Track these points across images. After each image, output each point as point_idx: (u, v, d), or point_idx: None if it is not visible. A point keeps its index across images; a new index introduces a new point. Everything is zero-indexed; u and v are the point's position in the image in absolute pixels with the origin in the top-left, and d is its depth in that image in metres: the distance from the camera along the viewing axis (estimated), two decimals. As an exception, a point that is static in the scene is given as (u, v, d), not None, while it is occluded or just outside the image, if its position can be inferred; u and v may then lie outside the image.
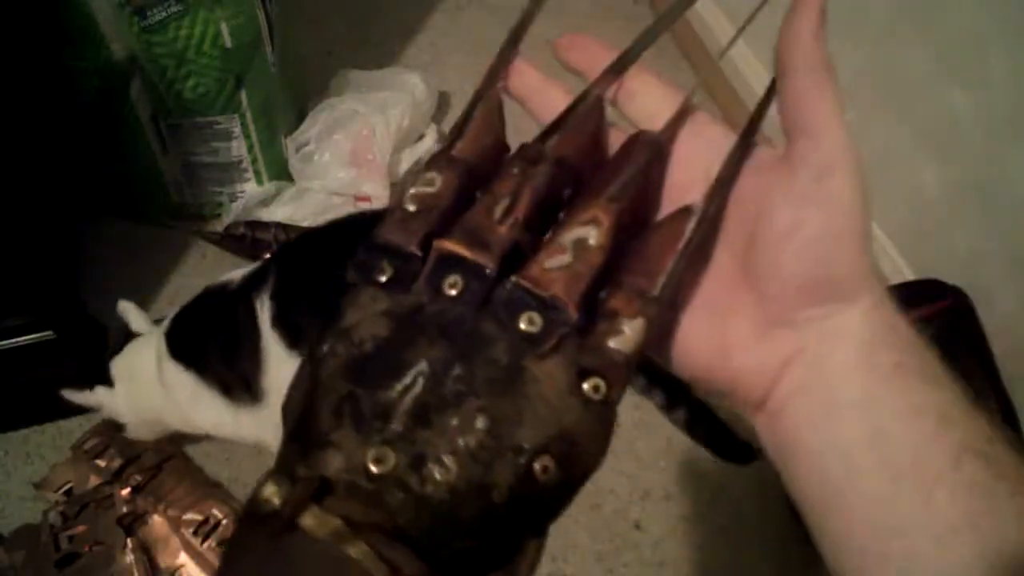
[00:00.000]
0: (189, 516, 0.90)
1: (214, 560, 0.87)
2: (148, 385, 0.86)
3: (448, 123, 1.34)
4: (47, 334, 0.92)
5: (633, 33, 0.29)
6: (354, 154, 1.17)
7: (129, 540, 0.86)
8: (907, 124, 1.03)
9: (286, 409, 0.24)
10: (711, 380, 0.28)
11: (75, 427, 0.99)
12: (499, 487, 0.22)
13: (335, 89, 1.26)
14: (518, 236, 0.25)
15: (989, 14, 0.90)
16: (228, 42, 1.02)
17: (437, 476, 0.22)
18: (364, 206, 1.18)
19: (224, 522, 0.90)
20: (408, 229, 0.25)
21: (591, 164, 0.28)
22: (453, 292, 0.24)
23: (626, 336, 0.24)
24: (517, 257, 0.25)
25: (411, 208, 0.26)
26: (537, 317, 0.23)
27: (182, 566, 0.87)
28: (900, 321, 0.26)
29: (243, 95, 1.09)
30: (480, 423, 0.22)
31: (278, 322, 0.78)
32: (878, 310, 0.26)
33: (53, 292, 0.99)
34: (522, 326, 0.23)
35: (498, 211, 0.25)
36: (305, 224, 1.15)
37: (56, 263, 1.05)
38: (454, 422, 0.22)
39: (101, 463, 0.93)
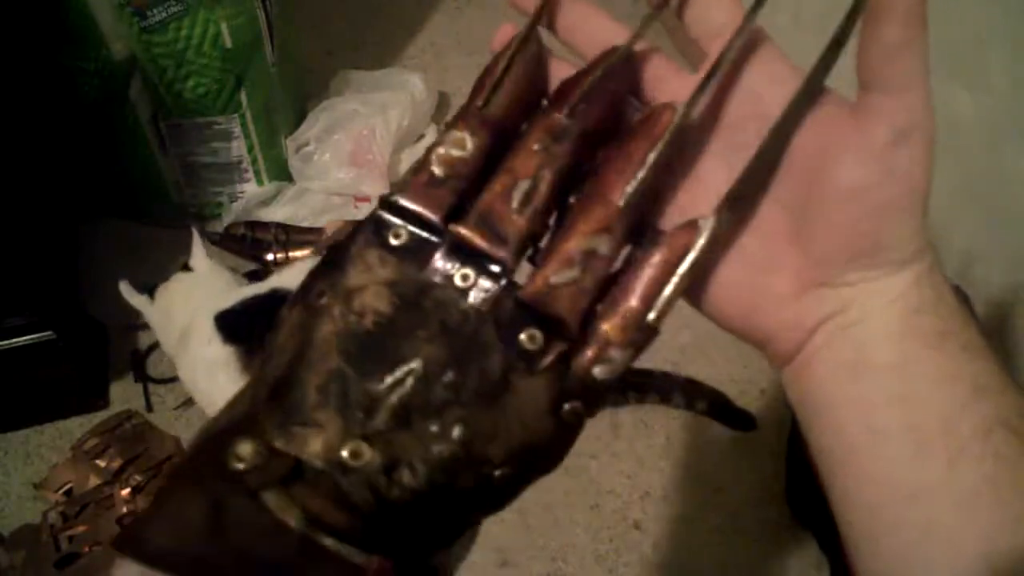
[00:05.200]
0: (189, 516, 0.90)
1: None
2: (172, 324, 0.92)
3: (448, 123, 1.34)
4: (47, 334, 0.92)
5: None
6: (354, 154, 1.17)
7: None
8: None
9: (271, 348, 0.24)
10: (744, 330, 0.27)
11: (75, 427, 0.99)
12: (459, 493, 0.22)
13: (335, 89, 1.26)
14: (536, 227, 0.24)
15: (989, 16, 0.90)
16: (228, 42, 1.02)
17: (405, 481, 0.22)
18: (364, 206, 1.18)
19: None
20: (432, 196, 0.24)
21: (613, 130, 0.26)
22: (464, 284, 0.23)
23: (613, 366, 0.23)
24: (533, 244, 0.24)
25: (438, 171, 0.24)
26: (539, 335, 0.23)
27: (182, 566, 0.87)
28: (946, 290, 0.25)
29: (243, 95, 1.09)
30: (457, 433, 0.22)
31: None
32: (928, 277, 0.25)
33: (53, 292, 0.99)
34: (523, 341, 0.23)
35: (517, 197, 0.24)
36: (305, 224, 1.15)
37: (56, 263, 1.05)
38: (433, 428, 0.22)
39: (101, 463, 0.93)
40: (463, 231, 0.23)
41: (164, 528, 0.21)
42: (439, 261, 0.23)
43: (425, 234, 0.24)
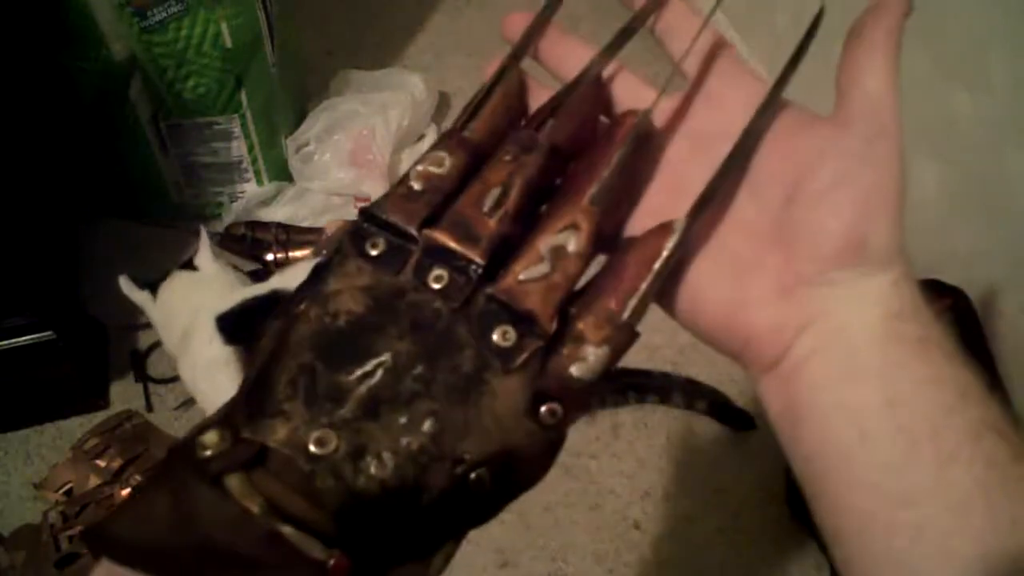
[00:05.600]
0: (189, 516, 0.90)
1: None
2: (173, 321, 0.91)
3: (448, 123, 1.34)
4: (47, 334, 0.92)
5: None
6: (354, 154, 1.17)
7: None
8: (908, 125, 1.02)
9: (253, 356, 0.24)
10: (722, 336, 0.27)
11: (75, 427, 0.99)
12: (430, 491, 0.22)
13: (335, 89, 1.26)
14: (507, 229, 0.24)
15: (989, 17, 0.90)
16: (228, 42, 1.02)
17: (372, 470, 0.22)
18: (364, 206, 1.18)
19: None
20: (409, 208, 0.25)
21: (585, 147, 0.27)
22: (437, 286, 0.24)
23: (589, 364, 0.23)
24: (506, 249, 0.25)
25: (416, 186, 0.25)
26: (511, 331, 0.23)
27: (182, 566, 0.87)
28: (922, 299, 0.26)
29: (243, 95, 1.09)
30: (427, 426, 0.22)
31: None
32: (906, 283, 0.25)
33: (53, 292, 0.99)
34: (495, 339, 0.23)
35: (488, 202, 0.25)
36: (305, 224, 1.15)
37: (56, 263, 1.05)
38: (402, 420, 0.22)
39: (101, 463, 0.93)
40: (436, 234, 0.24)
41: (127, 522, 0.21)
42: (413, 264, 0.24)
43: (401, 242, 0.24)
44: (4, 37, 0.94)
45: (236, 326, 0.87)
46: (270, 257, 1.10)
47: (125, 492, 0.90)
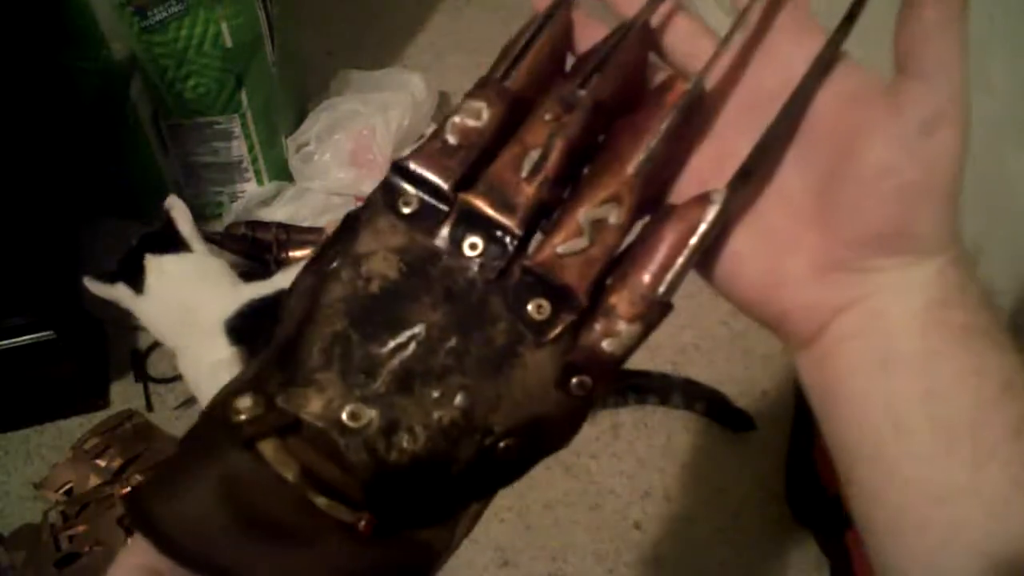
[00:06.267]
0: (189, 516, 0.90)
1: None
2: (175, 310, 0.86)
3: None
4: (47, 334, 0.92)
5: None
6: (354, 154, 1.17)
7: (129, 540, 0.86)
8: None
9: (283, 313, 0.24)
10: (757, 309, 0.26)
11: (75, 427, 0.99)
12: (459, 462, 0.22)
13: (335, 89, 1.26)
14: (545, 195, 0.24)
15: (990, 18, 0.90)
16: (228, 42, 1.02)
17: (404, 444, 0.22)
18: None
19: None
20: (444, 165, 0.24)
21: (629, 103, 0.26)
22: (472, 253, 0.23)
23: (622, 340, 0.23)
24: (544, 213, 0.24)
25: (451, 140, 0.24)
26: (546, 305, 0.23)
27: (182, 566, 0.87)
28: (972, 283, 0.24)
29: (243, 95, 1.09)
30: (459, 400, 0.22)
31: None
32: (953, 268, 0.24)
33: (53, 292, 0.99)
34: (530, 311, 0.23)
35: (527, 166, 0.24)
36: (306, 224, 1.15)
37: (56, 263, 1.05)
38: (434, 395, 0.22)
39: (101, 463, 0.93)
40: (472, 199, 0.23)
41: (171, 499, 0.21)
42: (448, 229, 0.23)
43: (435, 202, 0.23)
44: (4, 37, 0.94)
45: (241, 328, 0.87)
46: (270, 257, 1.10)
47: (125, 492, 0.90)
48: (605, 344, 0.23)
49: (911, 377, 0.24)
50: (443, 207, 0.23)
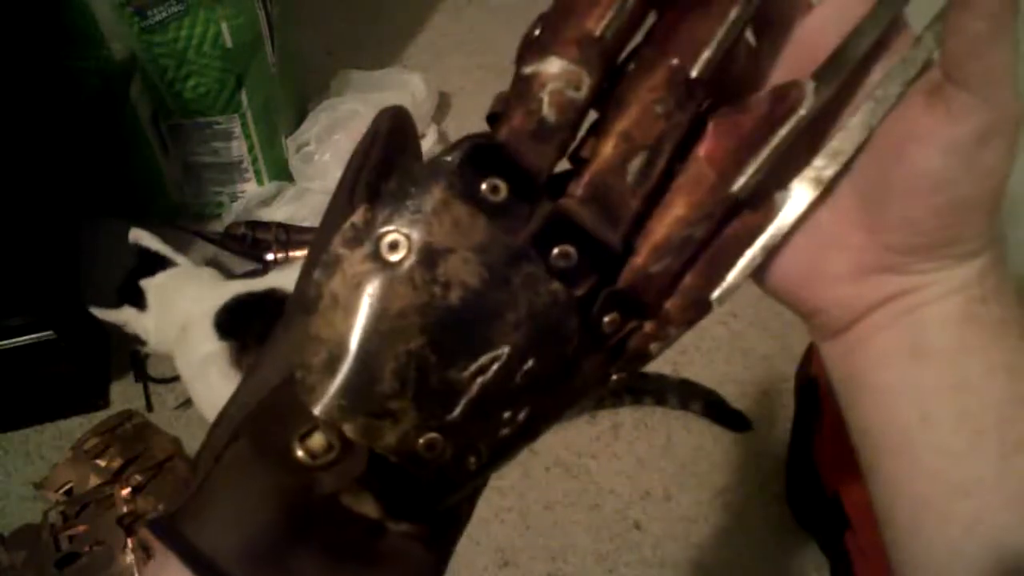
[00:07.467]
0: (189, 516, 0.90)
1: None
2: (175, 319, 0.91)
3: (448, 123, 1.34)
4: (47, 334, 0.92)
5: None
6: (354, 154, 1.17)
7: (130, 540, 0.86)
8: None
9: (312, 291, 0.20)
10: (790, 299, 0.26)
11: (75, 427, 0.99)
12: (505, 461, 0.23)
13: (335, 89, 1.26)
14: (644, 207, 0.22)
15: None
16: (228, 42, 1.02)
17: (471, 466, 0.22)
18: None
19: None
20: (539, 150, 0.20)
21: (738, 89, 0.24)
22: (561, 263, 0.21)
23: (667, 343, 0.23)
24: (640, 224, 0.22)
25: (549, 117, 0.20)
26: (618, 319, 0.22)
27: (182, 566, 0.87)
28: (1007, 283, 0.25)
29: (243, 95, 1.09)
30: (522, 416, 0.22)
31: None
32: (993, 268, 0.24)
33: (53, 292, 0.99)
34: (604, 325, 0.22)
35: (633, 171, 0.21)
36: (306, 224, 1.15)
37: (56, 263, 1.05)
38: (505, 415, 0.21)
39: (101, 463, 0.93)
40: (574, 207, 0.21)
41: (220, 528, 0.20)
42: (536, 227, 0.20)
43: (525, 193, 0.20)
44: (4, 37, 0.94)
45: (230, 322, 0.87)
46: (270, 257, 1.10)
47: (125, 492, 0.90)
48: (653, 347, 0.23)
49: (942, 369, 0.24)
50: (530, 201, 0.20)
